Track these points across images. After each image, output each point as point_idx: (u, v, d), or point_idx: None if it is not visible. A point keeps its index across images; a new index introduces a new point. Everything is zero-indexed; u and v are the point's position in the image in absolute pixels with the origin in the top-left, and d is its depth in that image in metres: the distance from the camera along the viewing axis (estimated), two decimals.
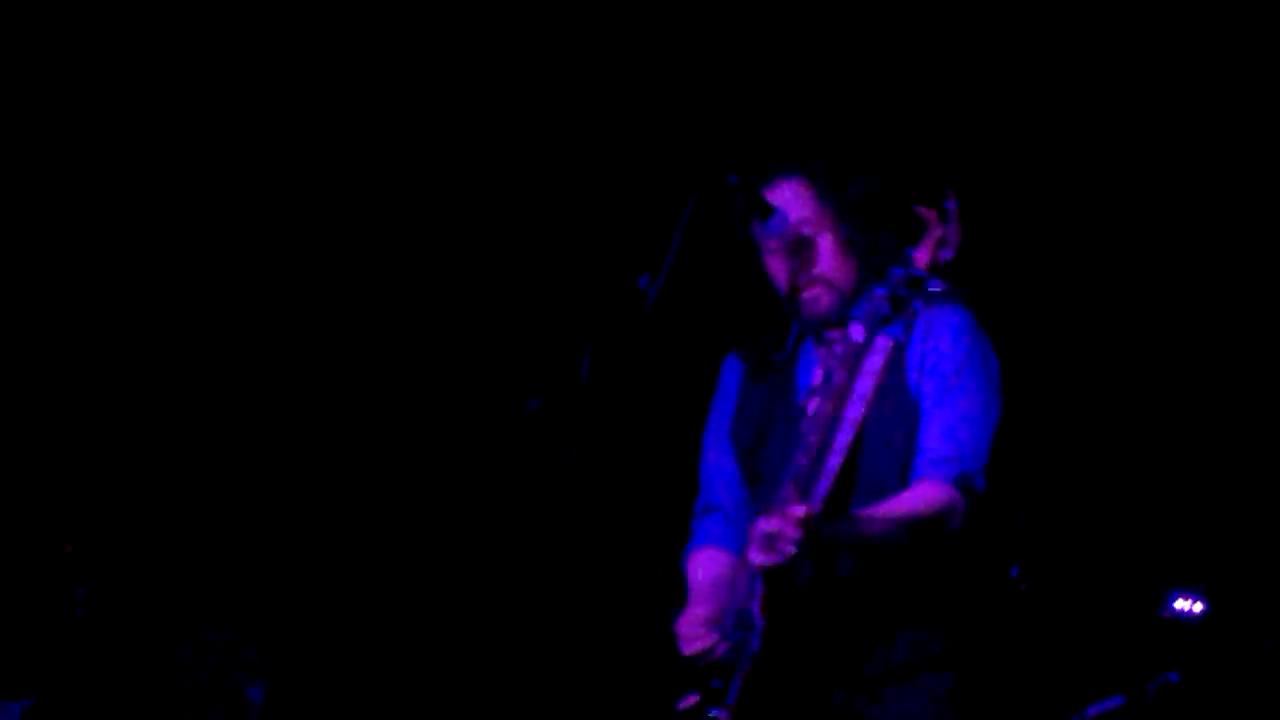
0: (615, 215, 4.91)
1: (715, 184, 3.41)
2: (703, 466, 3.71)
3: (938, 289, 3.25)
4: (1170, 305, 5.41)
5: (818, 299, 3.41)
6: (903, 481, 3.36)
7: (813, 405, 3.34)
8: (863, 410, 3.28)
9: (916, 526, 3.28)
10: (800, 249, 3.42)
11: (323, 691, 5.18)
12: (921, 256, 3.26)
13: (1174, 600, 5.17)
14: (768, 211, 3.33)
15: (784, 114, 4.99)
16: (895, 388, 3.40)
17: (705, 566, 3.61)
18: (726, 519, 3.67)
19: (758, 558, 3.19)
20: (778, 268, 3.43)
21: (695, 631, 3.41)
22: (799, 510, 3.11)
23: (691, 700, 3.37)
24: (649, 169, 4.95)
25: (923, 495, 3.29)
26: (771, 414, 3.58)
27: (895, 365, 3.37)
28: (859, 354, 3.30)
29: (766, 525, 3.18)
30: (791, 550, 3.09)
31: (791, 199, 3.40)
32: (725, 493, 3.65)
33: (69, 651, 4.90)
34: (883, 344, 3.33)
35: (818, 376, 3.45)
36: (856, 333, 3.25)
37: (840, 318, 3.43)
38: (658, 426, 4.84)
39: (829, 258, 3.40)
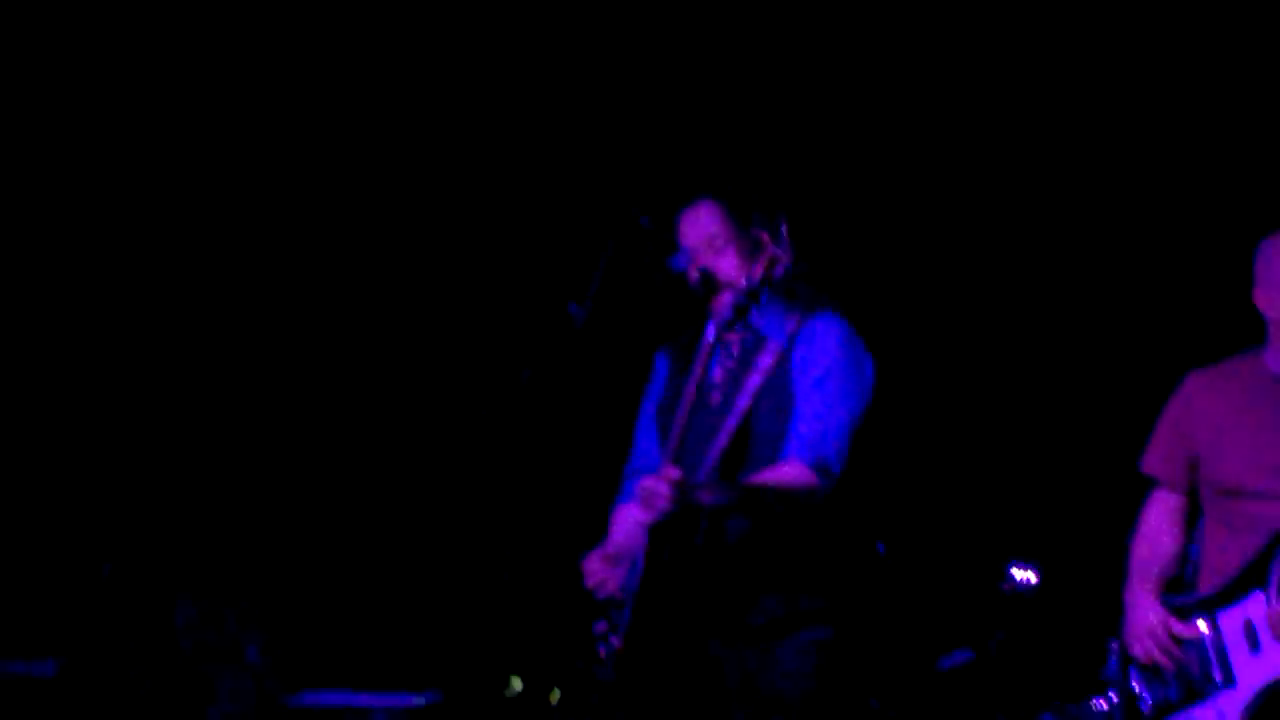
0: (553, 252, 5.36)
1: (631, 227, 3.95)
2: (635, 437, 4.13)
3: (766, 300, 3.77)
4: (1006, 306, 5.85)
5: (726, 300, 3.80)
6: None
7: (716, 396, 3.83)
8: (749, 402, 3.73)
9: (778, 497, 3.71)
10: (709, 265, 3.85)
11: (314, 647, 5.43)
12: (758, 271, 3.78)
13: (1011, 570, 5.49)
14: (673, 249, 3.89)
15: (684, 160, 5.46)
16: (779, 383, 3.80)
17: (625, 518, 4.01)
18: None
19: (637, 512, 3.61)
20: (694, 280, 3.85)
21: (594, 568, 3.84)
22: (672, 472, 3.52)
23: (602, 626, 3.81)
24: (581, 213, 5.33)
25: (784, 472, 3.70)
26: (682, 398, 3.90)
27: (782, 365, 3.80)
28: (713, 351, 3.80)
29: (645, 483, 3.59)
30: (663, 505, 3.51)
31: (707, 216, 3.88)
32: (648, 460, 4.04)
33: (94, 619, 5.16)
34: (773, 346, 3.80)
35: (718, 374, 3.92)
36: (710, 332, 3.74)
37: (743, 306, 3.85)
38: (587, 420, 5.26)
39: (732, 266, 3.83)
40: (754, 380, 3.82)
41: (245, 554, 5.70)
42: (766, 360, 3.83)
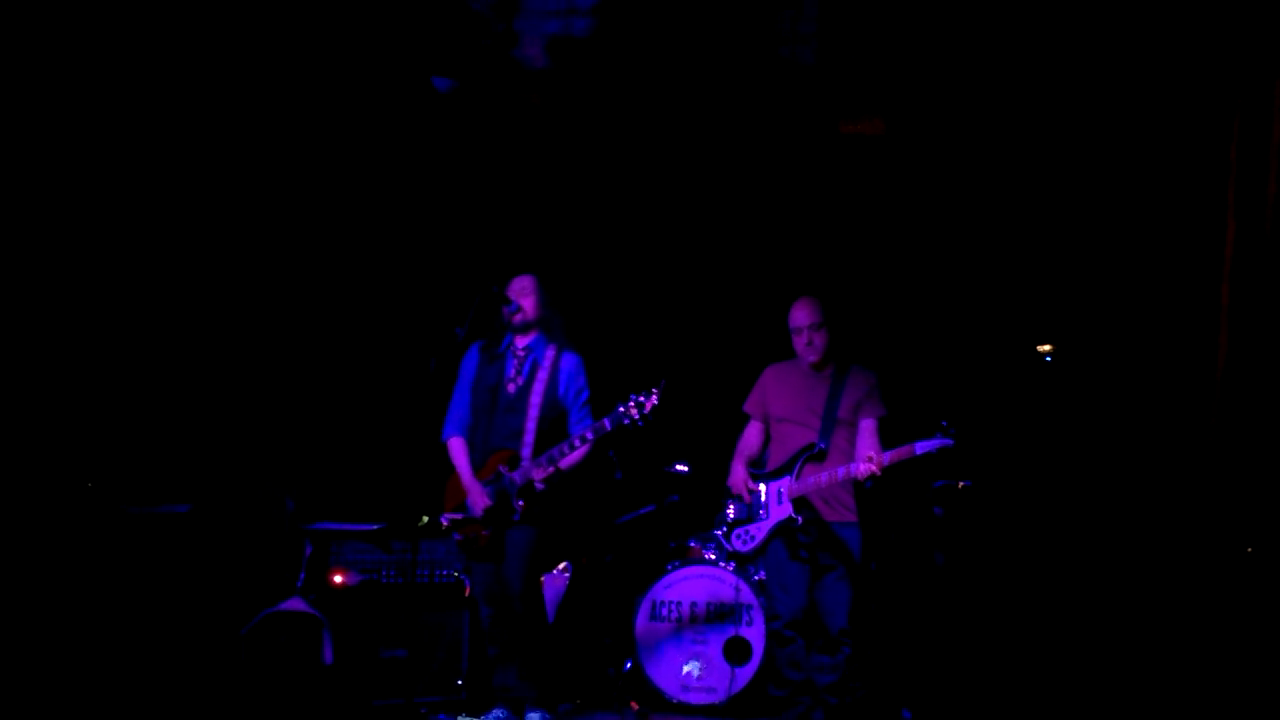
0: (453, 298, 6.40)
1: (490, 289, 6.01)
2: (454, 399, 5.96)
3: (543, 338, 5.61)
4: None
5: (516, 322, 5.89)
6: (563, 439, 5.70)
7: (511, 387, 5.79)
8: (540, 401, 5.74)
9: (581, 465, 5.79)
10: (519, 305, 5.89)
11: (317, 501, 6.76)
12: (537, 314, 5.74)
13: (676, 465, 6.97)
14: (507, 302, 6.03)
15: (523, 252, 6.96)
16: (552, 391, 5.79)
17: (459, 448, 5.93)
18: (464, 424, 6.01)
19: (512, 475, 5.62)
20: (510, 311, 5.87)
21: (474, 497, 5.82)
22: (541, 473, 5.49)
23: (457, 516, 5.81)
24: (469, 276, 6.67)
25: (581, 451, 5.73)
26: (490, 381, 5.91)
27: (553, 378, 5.77)
28: (523, 364, 5.65)
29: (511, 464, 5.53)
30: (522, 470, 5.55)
31: (526, 283, 5.97)
32: (464, 411, 5.97)
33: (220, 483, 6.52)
34: (545, 364, 5.74)
35: (510, 370, 5.89)
36: (507, 341, 5.73)
37: (526, 332, 5.84)
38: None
39: (531, 306, 5.93)
40: (539, 386, 5.71)
41: (287, 459, 7.34)
42: (544, 374, 5.78)
